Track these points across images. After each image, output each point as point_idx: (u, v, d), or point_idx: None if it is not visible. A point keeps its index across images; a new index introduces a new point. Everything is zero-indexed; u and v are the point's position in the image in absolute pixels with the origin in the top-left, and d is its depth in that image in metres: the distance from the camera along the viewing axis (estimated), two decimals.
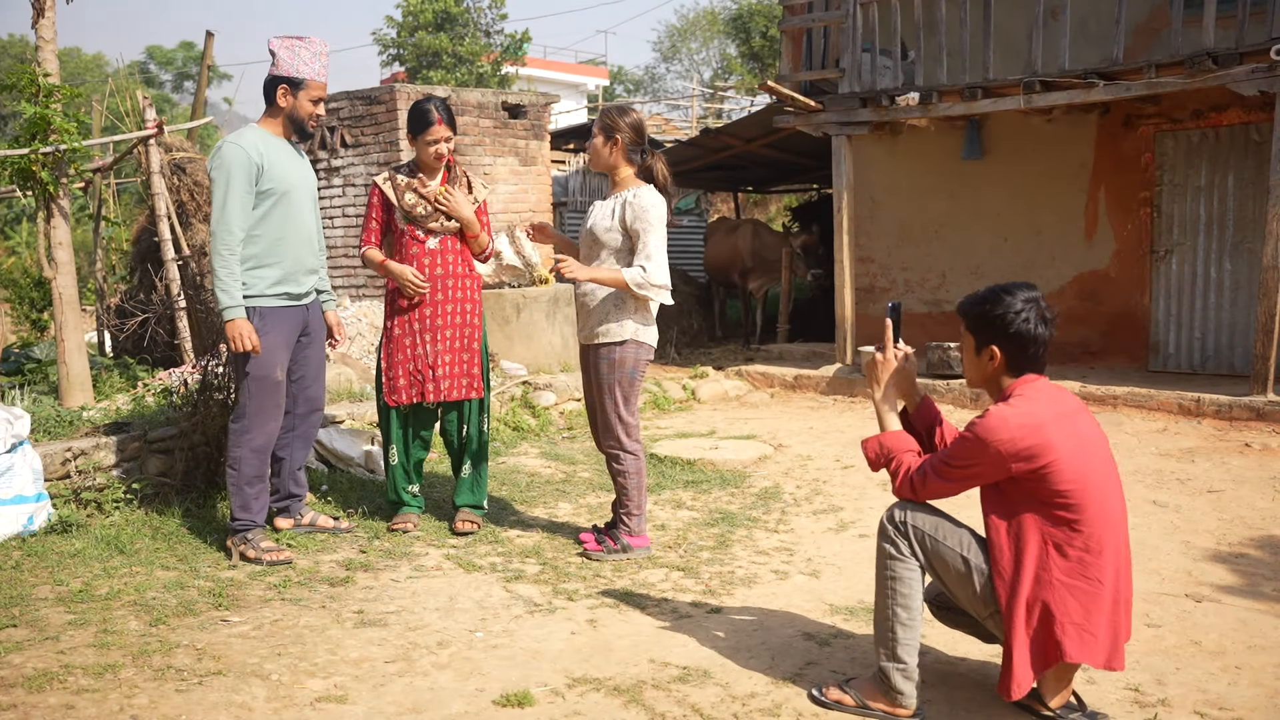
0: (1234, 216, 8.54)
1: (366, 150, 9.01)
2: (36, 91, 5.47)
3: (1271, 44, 6.82)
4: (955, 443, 2.84)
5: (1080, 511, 2.73)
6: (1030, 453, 2.72)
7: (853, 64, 8.78)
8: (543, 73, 38.10)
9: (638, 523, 4.41)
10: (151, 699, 2.97)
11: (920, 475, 2.90)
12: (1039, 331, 2.81)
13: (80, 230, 11.94)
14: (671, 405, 8.41)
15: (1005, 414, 2.75)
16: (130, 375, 6.99)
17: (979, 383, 2.96)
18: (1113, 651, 2.76)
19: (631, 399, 4.34)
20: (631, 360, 4.28)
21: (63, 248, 5.71)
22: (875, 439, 3.04)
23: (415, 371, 4.63)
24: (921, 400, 3.17)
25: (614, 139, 4.27)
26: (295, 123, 4.35)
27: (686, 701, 2.99)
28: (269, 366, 4.23)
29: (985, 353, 2.88)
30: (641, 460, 4.40)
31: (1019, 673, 2.75)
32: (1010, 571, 2.78)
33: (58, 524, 4.40)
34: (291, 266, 4.31)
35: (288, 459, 4.55)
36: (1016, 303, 2.82)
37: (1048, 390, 2.83)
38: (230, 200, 4.11)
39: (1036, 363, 2.86)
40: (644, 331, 4.30)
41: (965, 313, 2.93)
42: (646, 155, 4.33)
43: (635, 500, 4.38)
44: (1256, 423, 7.05)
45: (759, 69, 30.00)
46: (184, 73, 44.29)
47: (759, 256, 11.61)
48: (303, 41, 4.27)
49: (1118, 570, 2.78)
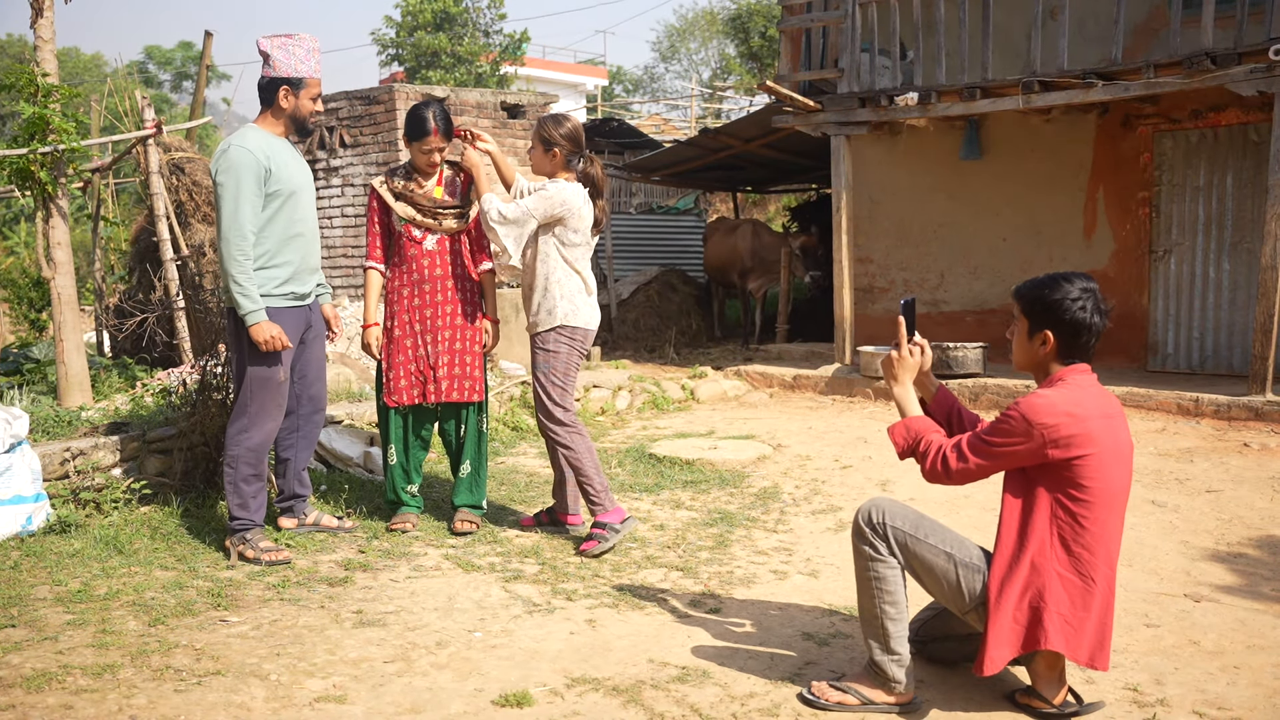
0: (1232, 216, 8.54)
1: (365, 150, 9.01)
2: (35, 91, 5.47)
3: (1270, 44, 6.83)
4: (997, 421, 2.85)
5: (1091, 509, 2.77)
6: (1070, 441, 2.74)
7: (851, 64, 8.78)
8: (541, 73, 38.11)
9: (606, 498, 4.49)
10: (150, 699, 2.97)
11: (956, 453, 2.88)
12: (1094, 320, 2.83)
13: (79, 230, 11.95)
14: (670, 405, 8.41)
15: (1053, 398, 2.78)
16: (129, 375, 6.99)
17: (1027, 366, 2.97)
18: (1097, 650, 2.80)
19: (568, 386, 4.48)
20: (565, 347, 4.43)
21: (61, 248, 5.70)
22: (901, 424, 3.05)
23: (416, 372, 4.63)
24: (938, 389, 3.22)
25: (552, 151, 4.44)
26: (297, 122, 4.35)
27: (685, 701, 2.99)
28: (274, 367, 4.22)
29: (1038, 337, 2.89)
30: (586, 438, 4.51)
31: (993, 647, 2.79)
32: (1011, 552, 2.82)
33: (56, 524, 4.40)
34: (298, 266, 4.32)
35: (292, 459, 4.55)
36: (1074, 290, 2.84)
37: (1096, 387, 2.85)
38: (242, 204, 4.10)
39: (1087, 352, 2.88)
40: (573, 315, 4.44)
41: (1022, 295, 2.94)
42: (584, 161, 4.50)
43: (594, 480, 4.48)
44: (1255, 422, 7.06)
45: (758, 69, 29.99)
46: (183, 73, 44.29)
47: (758, 257, 11.61)
48: (293, 39, 4.26)
49: (1109, 571, 2.83)
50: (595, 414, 7.93)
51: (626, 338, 12.30)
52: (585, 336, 4.50)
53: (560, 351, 4.44)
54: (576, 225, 4.40)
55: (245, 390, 4.23)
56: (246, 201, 4.11)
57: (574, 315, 4.44)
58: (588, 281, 4.50)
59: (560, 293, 4.42)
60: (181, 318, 7.07)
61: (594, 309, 4.54)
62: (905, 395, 3.09)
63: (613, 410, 8.08)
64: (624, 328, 12.49)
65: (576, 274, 4.46)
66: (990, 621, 2.81)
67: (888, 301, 10.69)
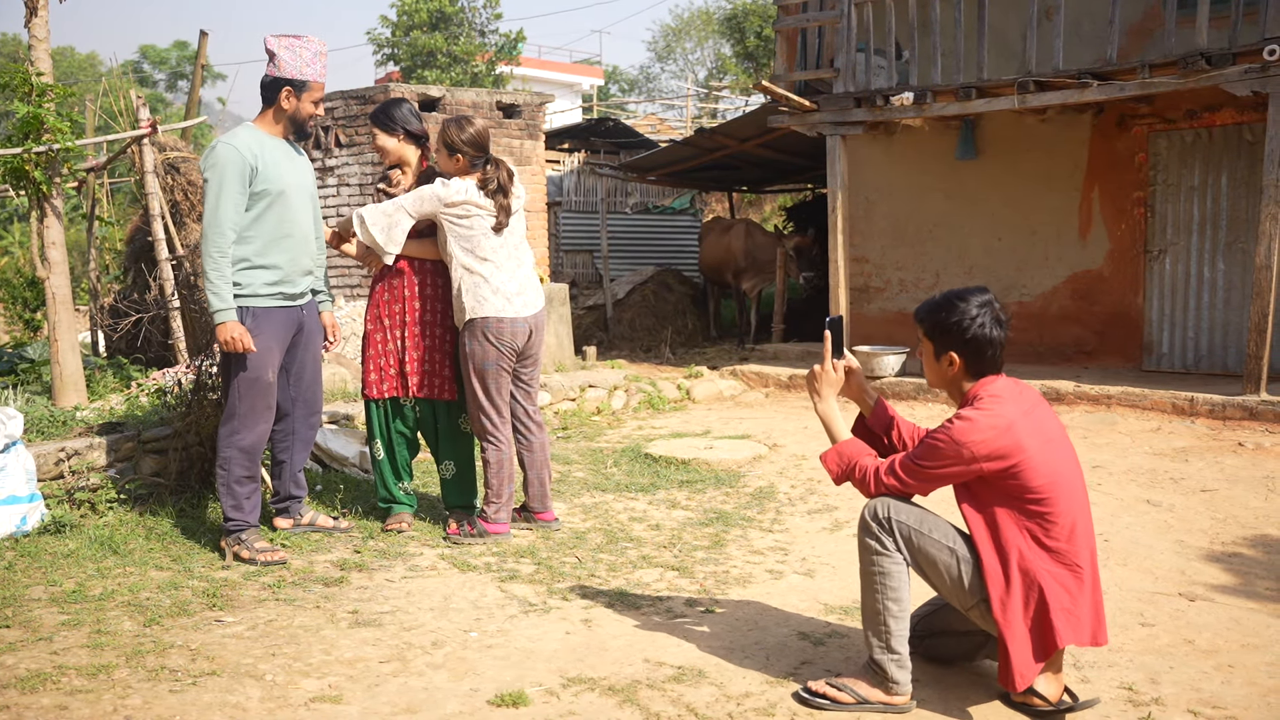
0: (1227, 216, 8.56)
1: (361, 150, 9.00)
2: (30, 91, 5.46)
3: (1264, 44, 6.84)
4: (925, 446, 2.90)
5: (1052, 505, 2.82)
6: (1002, 453, 2.80)
7: (847, 64, 8.79)
8: (537, 72, 38.09)
9: (495, 509, 4.57)
10: (145, 699, 2.97)
11: (891, 475, 2.95)
12: (994, 334, 2.90)
13: (74, 230, 11.93)
14: (666, 405, 8.41)
15: (976, 419, 2.83)
16: (124, 375, 6.98)
17: (939, 385, 3.04)
18: (1096, 627, 2.87)
19: (489, 385, 4.50)
20: (480, 346, 4.45)
21: (56, 247, 5.69)
22: (833, 451, 3.09)
23: (388, 365, 4.66)
24: (875, 403, 3.25)
25: (455, 157, 4.48)
26: (296, 124, 4.34)
27: (681, 701, 2.99)
28: (260, 368, 4.21)
29: (944, 358, 2.96)
30: (508, 450, 4.56)
31: (1019, 663, 2.81)
32: (999, 567, 2.84)
33: (51, 524, 4.39)
34: (288, 267, 4.30)
35: (288, 461, 4.54)
36: (971, 309, 2.90)
37: (1008, 388, 2.90)
38: (223, 201, 4.09)
39: (996, 365, 2.94)
40: (480, 306, 4.44)
41: (922, 320, 3.01)
42: (488, 165, 4.52)
43: (495, 488, 4.56)
44: (1250, 422, 7.07)
45: (754, 69, 29.99)
46: (178, 72, 44.24)
47: (753, 257, 11.62)
48: (301, 41, 4.25)
49: (1090, 550, 2.89)
50: (591, 414, 7.93)
51: (622, 337, 12.31)
52: (505, 327, 4.45)
53: (477, 350, 4.46)
54: (469, 225, 4.42)
55: (233, 392, 4.22)
56: (228, 199, 4.09)
57: (482, 306, 4.44)
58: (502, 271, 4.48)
59: (464, 286, 4.44)
60: (177, 318, 7.05)
61: (509, 299, 4.48)
62: (829, 412, 3.13)
63: (608, 410, 8.08)
64: (620, 327, 12.50)
65: (482, 265, 4.44)
66: (1007, 640, 2.81)
67: (883, 301, 10.70)
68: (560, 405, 7.83)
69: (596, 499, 5.37)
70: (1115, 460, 6.25)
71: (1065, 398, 7.89)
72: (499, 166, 4.53)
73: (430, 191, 4.44)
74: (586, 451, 6.56)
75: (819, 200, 14.09)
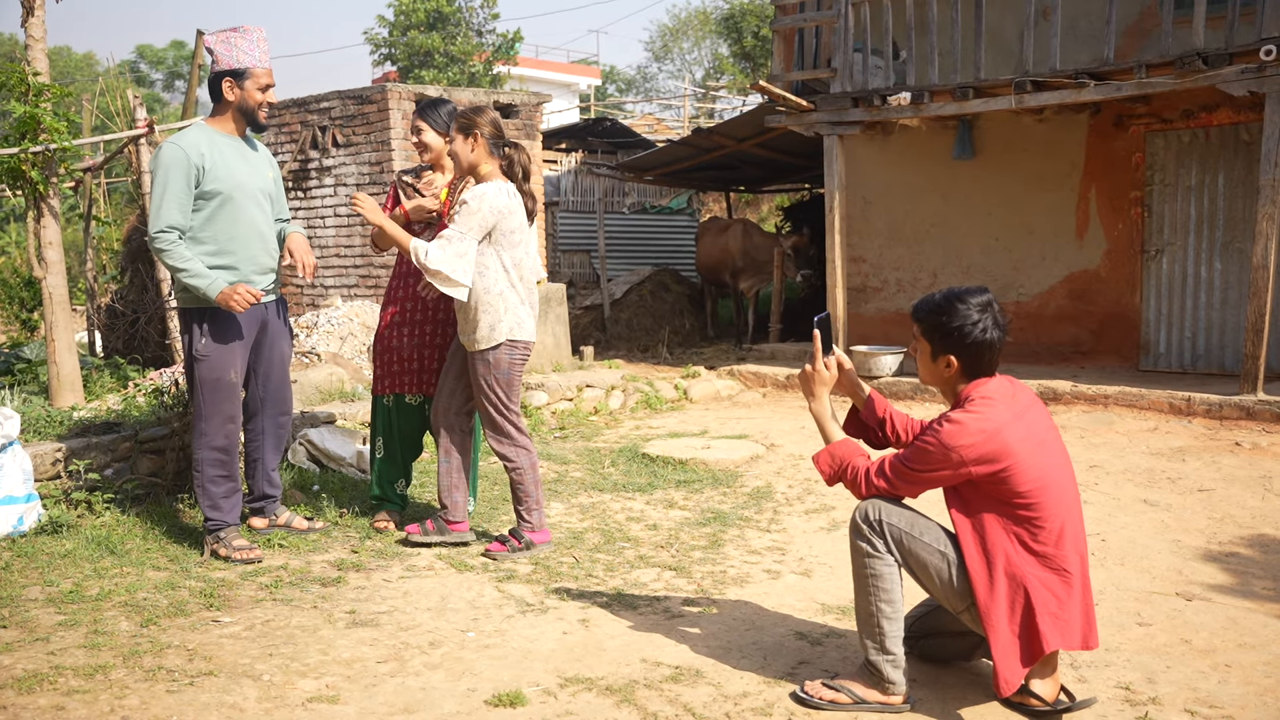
0: (1224, 216, 8.57)
1: (358, 150, 8.99)
2: (26, 90, 5.46)
3: (1261, 44, 6.85)
4: (914, 449, 2.89)
5: (1041, 509, 2.80)
6: (991, 457, 2.79)
7: (844, 64, 8.80)
8: (535, 72, 38.07)
9: (537, 517, 4.44)
10: (142, 700, 2.96)
11: (881, 477, 2.95)
12: (994, 337, 2.87)
13: (71, 230, 11.92)
14: (664, 405, 8.41)
15: (966, 422, 2.81)
16: (121, 375, 6.97)
17: (934, 385, 3.03)
18: (1086, 631, 2.85)
19: (511, 398, 4.34)
20: (506, 360, 4.26)
21: (53, 247, 5.69)
22: (825, 451, 3.09)
23: (398, 361, 4.67)
24: (868, 396, 3.26)
25: (473, 134, 4.23)
26: (246, 114, 4.28)
27: (679, 701, 2.99)
28: (223, 368, 4.18)
29: (942, 360, 2.93)
30: (533, 455, 4.42)
31: (1004, 668, 2.80)
32: (984, 572, 2.84)
33: (48, 524, 4.38)
34: (245, 266, 4.24)
35: (261, 460, 4.52)
36: (972, 313, 2.86)
37: (1002, 390, 2.88)
38: (166, 201, 4.06)
39: (991, 368, 2.92)
40: (518, 330, 4.27)
41: (920, 319, 2.97)
42: (509, 148, 4.36)
43: (533, 496, 4.41)
44: (1247, 422, 7.08)
45: (751, 69, 30.00)
46: (175, 72, 44.20)
47: (750, 257, 11.62)
48: (238, 32, 4.24)
49: (1080, 554, 2.86)
50: (589, 414, 7.93)
51: (620, 337, 12.30)
52: (522, 350, 4.33)
53: (502, 364, 4.27)
54: (512, 225, 4.25)
55: (197, 394, 4.22)
56: (171, 199, 4.07)
57: (518, 330, 4.27)
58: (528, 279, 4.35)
59: (490, 304, 4.21)
60: (173, 317, 7.06)
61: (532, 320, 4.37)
62: (822, 412, 3.11)
63: (606, 410, 8.08)
64: (617, 327, 12.49)
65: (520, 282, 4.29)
66: (992, 644, 2.81)
67: (880, 301, 10.71)
68: (557, 405, 7.83)
69: (594, 499, 5.37)
70: (1112, 460, 6.25)
71: (1062, 397, 7.90)
72: (519, 149, 4.38)
73: (488, 206, 4.14)
74: (584, 451, 6.56)
75: (816, 200, 14.10)
